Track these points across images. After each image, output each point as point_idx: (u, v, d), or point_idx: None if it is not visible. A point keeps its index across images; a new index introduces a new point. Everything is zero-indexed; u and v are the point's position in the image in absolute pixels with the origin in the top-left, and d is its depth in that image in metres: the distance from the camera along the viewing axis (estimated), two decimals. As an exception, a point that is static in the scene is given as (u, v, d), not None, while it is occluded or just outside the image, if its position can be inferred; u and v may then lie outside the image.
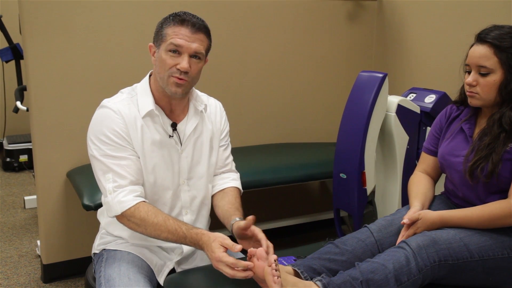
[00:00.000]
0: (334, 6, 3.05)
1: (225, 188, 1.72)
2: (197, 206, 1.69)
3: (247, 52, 2.86)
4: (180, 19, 1.50)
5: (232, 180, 1.76)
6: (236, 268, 1.34)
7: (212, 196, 1.74)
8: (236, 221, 1.55)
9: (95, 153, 1.53)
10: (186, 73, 1.50)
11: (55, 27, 2.34)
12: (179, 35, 1.48)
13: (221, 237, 1.41)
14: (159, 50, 1.52)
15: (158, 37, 1.53)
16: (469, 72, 1.61)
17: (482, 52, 1.55)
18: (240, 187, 1.77)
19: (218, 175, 1.75)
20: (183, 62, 1.49)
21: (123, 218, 1.51)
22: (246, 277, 1.35)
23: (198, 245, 1.46)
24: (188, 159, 1.64)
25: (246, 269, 1.34)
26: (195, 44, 1.50)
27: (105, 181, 1.51)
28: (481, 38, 1.57)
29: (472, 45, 1.61)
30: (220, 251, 1.37)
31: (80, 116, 2.42)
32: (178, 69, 1.50)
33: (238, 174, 1.81)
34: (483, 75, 1.56)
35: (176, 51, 1.49)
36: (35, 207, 3.44)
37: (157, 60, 1.54)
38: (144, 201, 1.52)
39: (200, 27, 1.51)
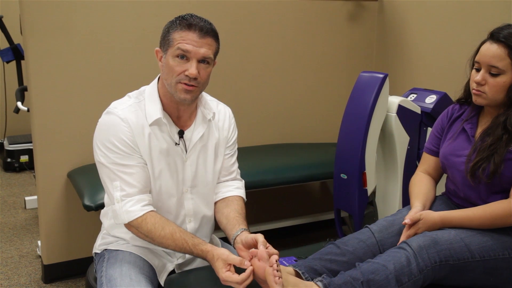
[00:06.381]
0: (334, 7, 3.05)
1: (229, 196, 1.68)
2: (200, 214, 1.66)
3: (247, 52, 2.86)
4: (187, 23, 1.45)
5: (236, 188, 1.71)
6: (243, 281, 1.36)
7: (215, 203, 1.70)
8: (243, 230, 1.52)
9: (102, 160, 1.51)
10: (195, 79, 1.46)
11: (56, 27, 2.34)
12: (186, 40, 1.44)
13: (224, 255, 1.40)
14: (166, 55, 1.48)
15: (165, 42, 1.48)
16: (477, 69, 1.57)
17: (495, 52, 1.51)
18: (244, 196, 1.73)
19: (222, 183, 1.71)
20: (192, 68, 1.45)
21: (131, 227, 1.52)
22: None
23: (206, 260, 1.48)
24: (192, 167, 1.61)
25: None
26: (203, 49, 1.45)
27: (113, 189, 1.50)
28: (494, 36, 1.53)
29: (483, 42, 1.57)
30: (223, 271, 1.38)
31: (80, 116, 2.42)
32: (186, 76, 1.46)
33: (243, 181, 1.77)
34: (493, 75, 1.53)
35: (184, 56, 1.45)
36: (35, 207, 3.43)
37: (164, 65, 1.49)
38: (151, 211, 1.50)
39: (208, 31, 1.47)
